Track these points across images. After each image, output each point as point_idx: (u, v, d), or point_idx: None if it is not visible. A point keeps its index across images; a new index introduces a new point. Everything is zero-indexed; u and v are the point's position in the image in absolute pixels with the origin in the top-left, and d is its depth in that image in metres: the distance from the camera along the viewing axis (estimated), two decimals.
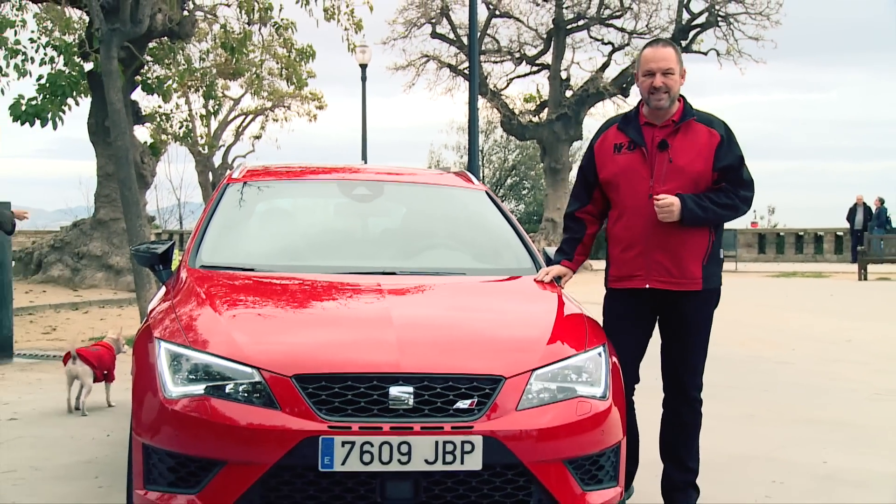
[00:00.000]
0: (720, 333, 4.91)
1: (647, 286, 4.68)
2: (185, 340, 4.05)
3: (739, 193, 4.70)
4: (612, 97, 31.61)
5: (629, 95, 31.50)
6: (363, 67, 30.09)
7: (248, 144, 40.02)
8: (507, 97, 33.79)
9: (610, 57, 32.50)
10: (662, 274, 4.66)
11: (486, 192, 6.04)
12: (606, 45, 32.65)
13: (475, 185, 6.15)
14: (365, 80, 30.34)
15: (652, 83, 4.64)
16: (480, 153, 40.59)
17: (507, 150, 50.79)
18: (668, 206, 4.54)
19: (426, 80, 34.33)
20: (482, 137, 45.97)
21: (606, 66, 32.39)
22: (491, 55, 33.37)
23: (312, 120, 36.75)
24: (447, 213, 5.97)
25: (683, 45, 29.86)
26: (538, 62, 33.65)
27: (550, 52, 32.63)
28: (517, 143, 46.59)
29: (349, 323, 4.31)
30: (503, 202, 5.99)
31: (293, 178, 6.23)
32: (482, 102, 31.19)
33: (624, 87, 31.44)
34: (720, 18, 31.26)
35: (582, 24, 32.39)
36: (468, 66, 19.57)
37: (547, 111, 32.55)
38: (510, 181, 51.87)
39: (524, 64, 33.85)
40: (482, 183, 6.29)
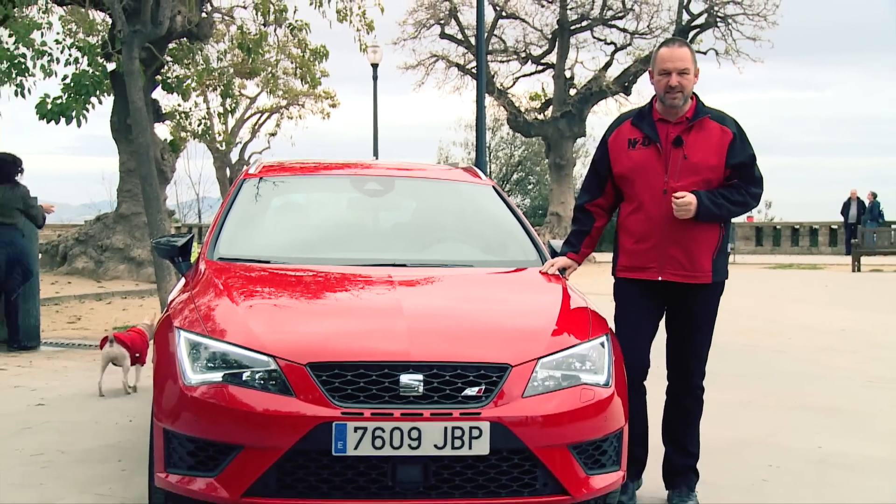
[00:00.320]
0: (719, 323, 4.90)
1: (659, 278, 4.66)
2: (203, 330, 4.06)
3: (751, 190, 4.68)
4: (614, 95, 31.58)
5: (631, 94, 31.49)
6: (374, 67, 30.08)
7: (263, 141, 40.05)
8: (513, 95, 33.78)
9: (612, 56, 32.48)
10: (675, 267, 4.64)
11: (492, 186, 6.02)
12: (609, 45, 32.64)
13: (482, 180, 6.13)
14: (376, 79, 30.35)
15: (668, 82, 4.59)
16: (487, 149, 40.57)
17: (513, 146, 50.72)
18: (686, 204, 4.51)
19: (435, 79, 34.34)
20: (489, 134, 45.92)
21: (609, 65, 32.37)
22: (498, 55, 33.35)
23: (326, 118, 36.75)
24: (455, 207, 5.96)
25: (692, 49, 29.74)
26: (543, 62, 33.61)
27: (555, 51, 32.60)
28: (523, 139, 46.58)
29: (361, 313, 4.31)
30: (509, 197, 5.97)
31: (307, 173, 6.23)
32: (489, 100, 31.16)
33: (626, 85, 31.41)
34: (719, 19, 31.19)
35: (585, 24, 32.35)
36: (476, 65, 19.54)
37: (551, 109, 32.54)
38: (516, 176, 51.80)
39: (530, 63, 33.83)
40: (489, 178, 6.28)
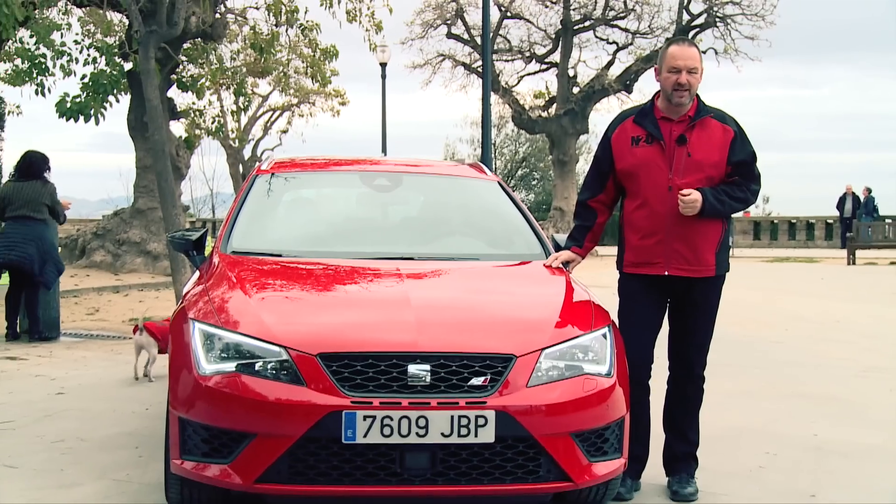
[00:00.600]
0: (718, 314, 4.89)
1: (665, 273, 4.65)
2: (217, 321, 4.06)
3: (751, 187, 4.68)
4: (616, 93, 31.49)
5: (632, 91, 31.40)
6: (383, 66, 30.04)
7: (275, 138, 40.09)
8: (517, 94, 33.70)
9: (614, 56, 32.38)
10: (680, 262, 4.62)
11: (498, 182, 6.01)
12: (611, 44, 32.53)
13: (488, 175, 6.12)
14: (385, 77, 30.32)
15: (677, 80, 4.56)
16: (493, 146, 40.54)
17: (517, 143, 50.65)
18: (693, 201, 4.50)
19: (442, 77, 34.36)
20: (494, 131, 45.87)
21: (611, 64, 32.27)
22: (503, 54, 33.27)
23: (336, 115, 36.73)
24: (462, 202, 5.94)
25: (700, 49, 29.66)
26: (547, 61, 33.53)
27: (558, 51, 32.51)
28: (527, 136, 46.51)
29: (370, 305, 4.30)
30: (514, 192, 5.96)
31: (318, 169, 6.22)
32: (494, 98, 31.10)
33: (627, 83, 31.32)
34: (718, 19, 31.08)
35: (588, 24, 32.27)
36: (481, 64, 19.52)
37: (555, 107, 32.47)
38: (521, 172, 51.74)
39: (534, 62, 33.73)
40: (494, 174, 6.27)
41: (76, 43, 17.25)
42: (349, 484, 3.76)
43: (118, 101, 17.43)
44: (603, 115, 33.38)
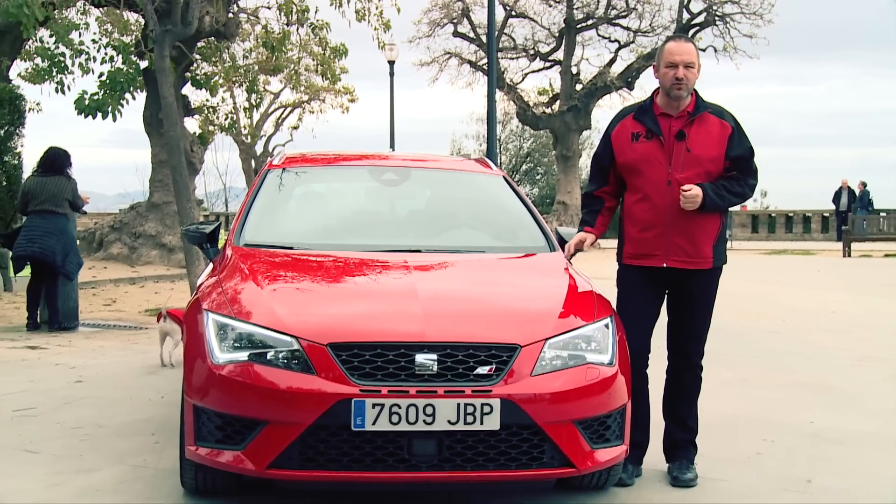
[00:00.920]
0: (716, 306, 4.89)
1: (664, 265, 4.64)
2: (230, 312, 4.06)
3: (748, 182, 4.66)
4: (618, 90, 31.45)
5: (634, 88, 31.35)
6: (391, 64, 30.02)
7: (286, 134, 40.01)
8: (522, 90, 33.66)
9: (616, 53, 32.33)
10: (679, 254, 4.61)
11: (503, 177, 6.00)
12: (613, 42, 32.47)
13: (493, 170, 6.11)
14: (393, 75, 30.29)
15: (675, 74, 4.55)
16: (498, 142, 40.45)
17: (522, 138, 50.57)
18: (693, 196, 4.49)
19: (448, 75, 34.22)
20: (499, 127, 45.78)
21: (613, 61, 32.22)
22: (508, 52, 33.22)
23: (345, 112, 36.63)
24: (468, 196, 5.93)
25: (697, 45, 29.61)
26: (551, 58, 33.47)
27: (562, 49, 32.45)
28: (531, 132, 46.42)
29: (379, 296, 4.30)
30: (519, 186, 5.95)
31: (328, 164, 6.22)
32: (499, 95, 31.05)
33: (629, 80, 31.27)
34: (717, 18, 30.98)
35: (591, 23, 32.21)
36: (487, 62, 19.46)
37: (559, 103, 32.43)
38: (525, 167, 51.66)
39: (538, 60, 33.68)
40: (500, 169, 6.25)
41: (94, 42, 17.28)
42: (358, 470, 3.76)
43: (134, 98, 17.46)
44: (605, 111, 33.34)
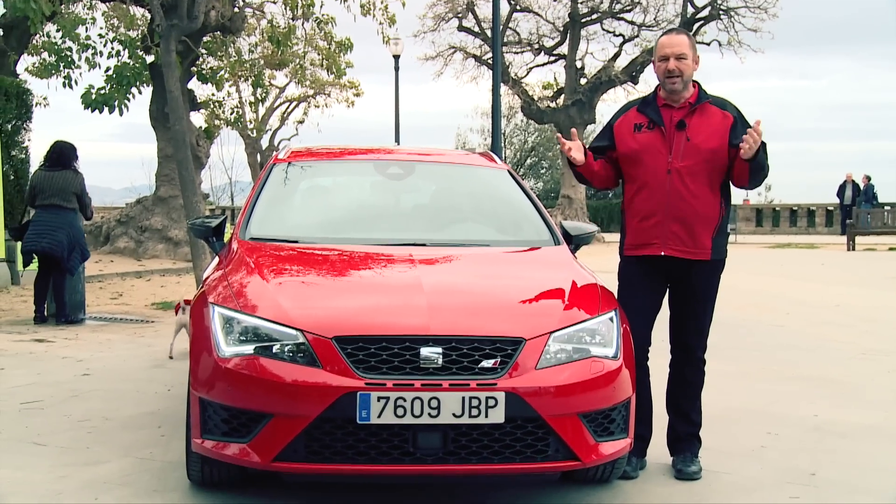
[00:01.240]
0: (720, 298, 4.88)
1: (662, 253, 4.64)
2: (236, 305, 4.06)
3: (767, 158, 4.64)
4: (622, 84, 31.43)
5: (638, 83, 31.31)
6: (396, 58, 29.98)
7: (292, 128, 40.05)
8: (526, 85, 33.64)
9: (621, 48, 32.29)
10: (677, 243, 4.62)
11: (507, 170, 5.98)
12: (618, 36, 32.45)
13: (498, 164, 6.09)
14: (398, 69, 30.27)
15: (666, 67, 4.60)
16: (503, 136, 40.43)
17: (526, 132, 50.55)
18: (761, 134, 4.40)
19: (453, 69, 34.37)
20: (504, 121, 45.77)
21: (618, 56, 32.18)
22: (512, 46, 33.19)
23: (350, 106, 36.67)
24: (472, 190, 5.92)
25: (691, 36, 29.58)
26: (555, 52, 33.44)
27: (566, 43, 32.42)
28: (536, 126, 46.43)
29: (384, 290, 4.30)
30: (523, 180, 5.94)
31: (333, 158, 6.21)
32: (504, 89, 31.05)
33: (633, 74, 31.23)
34: (722, 12, 30.92)
35: (595, 17, 32.16)
36: (491, 56, 19.43)
37: (563, 97, 32.40)
38: (530, 161, 51.64)
39: (542, 54, 33.65)
40: (504, 163, 6.24)
41: (100, 37, 17.35)
42: (363, 463, 3.76)
43: (140, 92, 17.50)
44: (610, 105, 33.36)
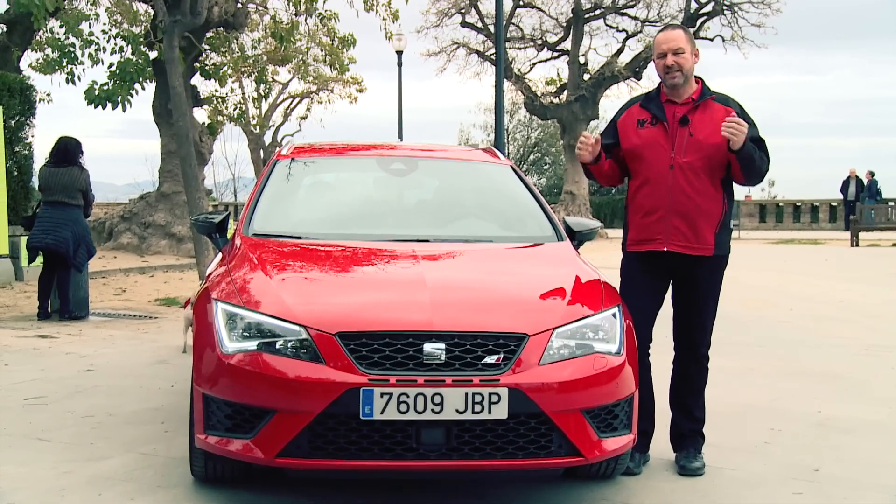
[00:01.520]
0: (723, 294, 4.87)
1: (664, 249, 4.64)
2: (239, 301, 4.06)
3: (766, 155, 4.65)
4: (625, 80, 31.39)
5: (641, 78, 31.28)
6: (399, 54, 29.99)
7: (295, 124, 39.99)
8: (530, 80, 33.60)
9: (624, 43, 32.25)
10: (680, 238, 4.62)
11: (510, 166, 5.98)
12: (621, 32, 32.41)
13: (501, 160, 6.09)
14: (401, 65, 30.27)
15: (665, 63, 4.61)
16: (506, 131, 40.42)
17: (529, 128, 50.51)
18: (741, 122, 4.42)
19: (456, 65, 34.55)
20: (507, 117, 45.75)
21: (621, 51, 32.15)
22: (515, 42, 33.16)
23: (353, 102, 36.59)
24: (475, 185, 5.92)
25: (691, 31, 29.57)
26: (558, 48, 33.41)
27: (570, 39, 32.39)
28: (539, 122, 46.38)
29: (387, 286, 4.30)
30: (526, 176, 5.93)
31: (336, 154, 6.21)
32: (507, 85, 30.99)
33: (637, 70, 31.20)
34: (725, 7, 30.87)
35: (598, 13, 32.12)
36: (495, 52, 19.42)
37: (566, 93, 32.36)
38: (533, 157, 51.61)
39: (545, 50, 33.63)
40: (507, 158, 6.23)
41: (104, 33, 17.33)
42: (367, 459, 3.76)
43: (144, 88, 17.50)
44: (613, 101, 33.36)
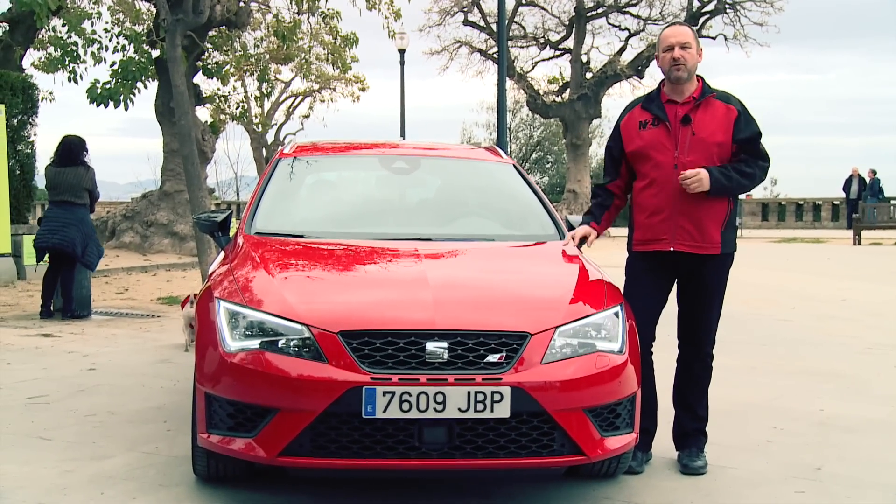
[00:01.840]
0: (726, 293, 4.87)
1: (671, 249, 4.63)
2: (241, 300, 4.06)
3: (759, 163, 4.64)
4: (628, 78, 31.40)
5: (644, 77, 31.28)
6: (401, 52, 30.00)
7: (297, 123, 40.12)
8: (532, 79, 33.61)
9: (626, 42, 32.27)
10: (686, 238, 4.61)
11: (513, 165, 5.98)
12: (623, 30, 32.42)
13: (503, 159, 6.09)
14: (403, 63, 30.27)
15: (672, 55, 4.60)
16: (508, 130, 40.37)
17: (532, 127, 50.50)
18: (694, 176, 4.47)
19: (459, 63, 34.50)
20: (509, 116, 45.70)
21: (623, 50, 32.16)
22: (518, 40, 33.17)
23: (356, 100, 36.58)
24: (478, 184, 5.92)
25: (694, 29, 29.57)
26: (561, 47, 33.41)
27: (572, 37, 32.40)
28: (541, 121, 46.36)
29: (389, 284, 4.29)
30: (529, 174, 5.93)
31: (339, 153, 6.21)
32: (510, 84, 31.03)
33: (639, 69, 31.20)
34: (727, 6, 30.86)
35: (601, 11, 32.13)
36: (497, 50, 19.41)
37: (569, 92, 32.38)
38: (535, 156, 51.60)
39: (548, 48, 33.64)
40: (510, 157, 6.23)
41: (106, 31, 17.31)
42: (369, 458, 3.75)
43: (146, 87, 17.48)
44: (615, 99, 33.36)
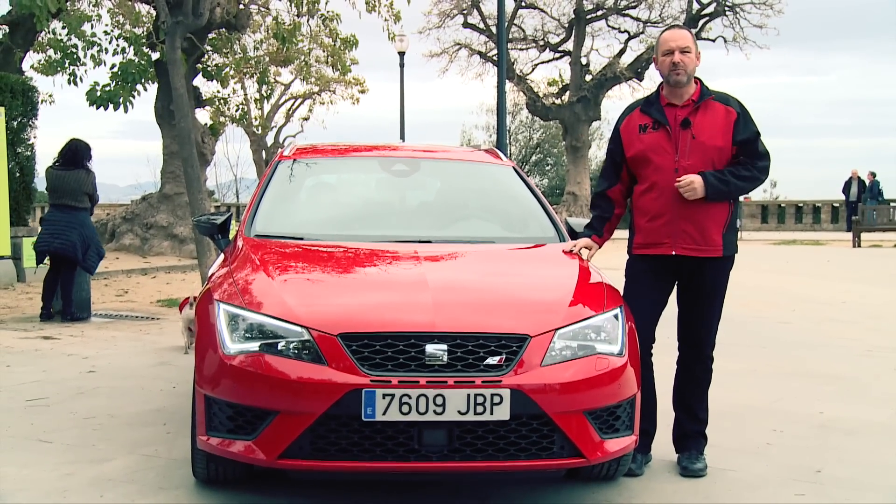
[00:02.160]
0: (726, 295, 4.87)
1: (673, 252, 4.63)
2: (241, 302, 4.06)
3: (757, 165, 4.64)
4: (627, 81, 31.42)
5: (643, 79, 31.30)
6: (401, 55, 29.99)
7: (297, 125, 40.01)
8: (532, 81, 33.65)
9: (626, 44, 32.30)
10: (687, 241, 4.60)
11: (513, 167, 5.98)
12: (623, 33, 32.45)
13: (503, 161, 6.09)
14: (403, 66, 30.26)
15: (672, 59, 4.59)
16: (508, 132, 40.40)
17: (531, 129, 50.52)
18: (689, 184, 4.48)
19: (458, 66, 34.64)
20: (509, 118, 45.73)
21: (623, 52, 32.19)
22: (517, 43, 33.20)
23: (355, 103, 36.60)
24: (478, 186, 5.92)
25: (693, 32, 29.61)
26: (560, 49, 33.44)
27: (572, 39, 32.44)
28: (541, 123, 46.39)
29: (389, 287, 4.29)
30: (529, 177, 5.93)
31: (338, 155, 6.22)
32: (509, 86, 31.02)
33: (638, 71, 31.23)
34: (727, 8, 30.89)
35: (601, 13, 32.16)
36: (496, 53, 19.42)
37: (568, 94, 32.41)
38: (535, 158, 51.60)
39: (548, 51, 33.67)
40: (509, 159, 6.24)
41: (106, 34, 17.29)
42: (369, 460, 3.75)
43: (146, 89, 17.47)
44: (615, 101, 33.38)
